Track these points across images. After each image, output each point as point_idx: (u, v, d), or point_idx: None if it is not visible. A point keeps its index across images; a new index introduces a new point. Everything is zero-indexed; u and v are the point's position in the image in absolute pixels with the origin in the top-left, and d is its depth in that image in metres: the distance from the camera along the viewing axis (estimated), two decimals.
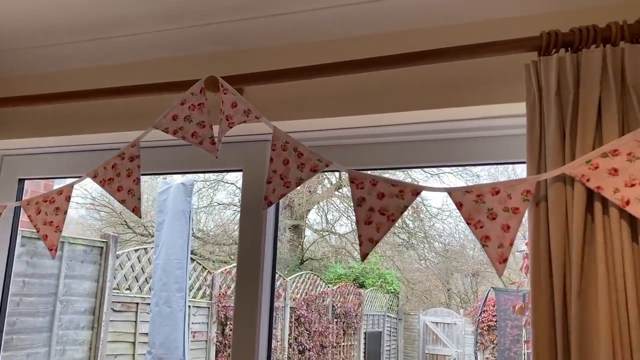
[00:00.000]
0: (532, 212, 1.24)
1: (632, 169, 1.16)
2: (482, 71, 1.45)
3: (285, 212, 12.08)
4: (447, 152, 1.57)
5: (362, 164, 1.64)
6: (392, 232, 12.39)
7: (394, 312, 11.38)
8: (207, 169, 1.86)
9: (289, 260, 11.56)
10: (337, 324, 8.64)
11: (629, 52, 1.21)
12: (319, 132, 1.66)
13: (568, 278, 1.18)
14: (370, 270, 11.36)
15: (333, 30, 1.59)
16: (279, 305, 7.36)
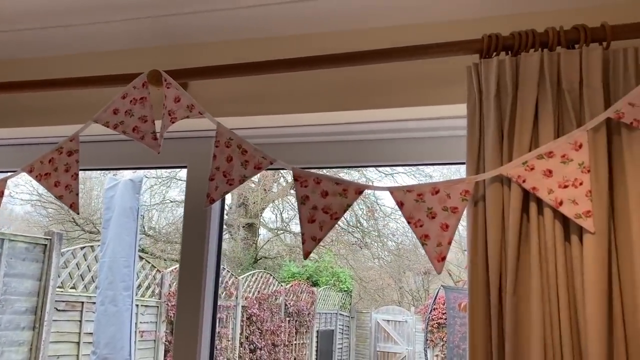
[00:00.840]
0: (470, 212, 1.27)
1: (565, 170, 1.19)
2: (428, 72, 1.47)
3: (240, 211, 11.98)
4: (392, 152, 1.58)
5: (309, 163, 1.63)
6: (346, 231, 12.47)
7: (347, 311, 11.45)
8: (151, 165, 1.82)
9: (243, 259, 11.47)
10: (289, 323, 8.64)
11: (565, 57, 1.24)
12: (265, 130, 1.65)
13: (504, 276, 1.21)
14: (324, 269, 11.40)
15: (281, 27, 1.58)
16: (230, 304, 7.30)
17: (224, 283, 7.27)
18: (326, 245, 12.35)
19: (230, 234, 12.13)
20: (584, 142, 1.19)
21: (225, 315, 7.18)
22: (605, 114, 1.19)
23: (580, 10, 1.38)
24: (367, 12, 1.49)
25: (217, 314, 1.75)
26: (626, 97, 1.19)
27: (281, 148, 1.66)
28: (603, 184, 1.17)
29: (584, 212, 1.16)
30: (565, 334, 1.14)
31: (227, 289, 7.27)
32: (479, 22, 1.44)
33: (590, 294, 1.13)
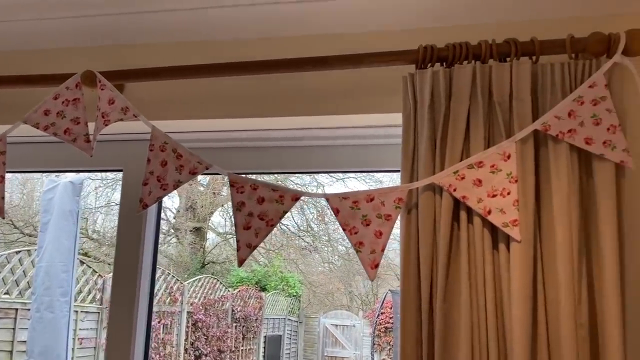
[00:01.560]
0: (404, 219, 1.28)
1: (494, 180, 1.22)
2: (367, 81, 1.48)
3: (188, 214, 11.79)
4: (330, 159, 1.59)
5: (246, 168, 1.62)
6: (297, 235, 12.46)
7: (295, 316, 11.43)
8: (86, 168, 1.77)
9: (190, 264, 11.28)
10: (236, 328, 8.54)
11: (496, 70, 1.28)
12: (203, 134, 1.63)
13: (434, 283, 1.23)
14: (273, 274, 11.35)
15: (219, 31, 1.57)
16: (175, 310, 7.15)
17: (169, 288, 7.12)
18: (276, 250, 12.31)
19: (178, 238, 11.92)
20: (512, 152, 1.22)
21: (170, 321, 7.04)
22: (533, 126, 1.23)
23: (512, 24, 1.43)
24: (307, 19, 1.50)
25: (152, 321, 1.71)
26: (553, 110, 1.23)
27: (219, 153, 1.64)
28: (530, 194, 1.21)
29: (511, 221, 1.19)
30: (492, 339, 1.17)
31: (172, 295, 7.13)
32: (416, 33, 1.46)
33: (516, 300, 1.16)
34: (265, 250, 12.25)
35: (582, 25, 1.34)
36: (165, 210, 11.32)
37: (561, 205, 1.20)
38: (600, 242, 1.19)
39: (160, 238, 10.99)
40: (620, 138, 1.20)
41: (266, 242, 12.17)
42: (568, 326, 1.14)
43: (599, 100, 1.23)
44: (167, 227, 11.62)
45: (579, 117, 1.22)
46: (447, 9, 1.43)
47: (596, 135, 1.21)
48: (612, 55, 1.25)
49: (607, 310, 1.15)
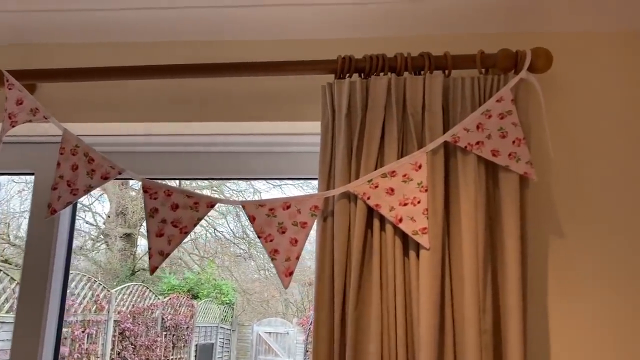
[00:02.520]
0: (319, 227, 1.29)
1: (406, 189, 1.26)
2: (286, 89, 1.49)
3: (118, 220, 11.42)
4: (248, 165, 1.58)
5: (162, 173, 1.59)
6: (231, 242, 12.30)
7: (228, 324, 11.27)
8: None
9: (119, 271, 10.91)
10: (166, 337, 8.32)
11: (410, 82, 1.32)
12: (117, 138, 1.58)
13: (347, 291, 1.24)
14: (205, 281, 11.15)
15: (136, 32, 1.53)
16: (101, 318, 6.90)
17: (94, 296, 6.86)
18: (210, 257, 12.11)
19: (107, 244, 11.53)
20: (423, 163, 1.26)
21: (95, 331, 6.77)
22: (443, 138, 1.27)
23: (427, 38, 1.47)
24: (229, 25, 1.49)
25: (62, 331, 1.64)
26: (462, 122, 1.28)
27: (134, 157, 1.60)
28: (439, 203, 1.25)
29: (420, 229, 1.22)
30: (400, 345, 1.20)
31: (97, 303, 6.87)
32: (336, 43, 1.48)
33: (424, 306, 1.19)
34: (198, 258, 12.04)
35: (493, 41, 1.40)
36: (95, 216, 10.93)
37: (469, 214, 1.24)
38: (504, 251, 1.24)
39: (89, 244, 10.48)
40: (525, 151, 1.26)
41: (200, 249, 11.97)
42: (472, 332, 1.18)
43: (506, 114, 1.28)
44: (97, 233, 11.22)
45: (486, 130, 1.27)
46: (366, 20, 1.46)
47: (502, 148, 1.27)
48: (519, 71, 1.32)
49: (509, 317, 1.20)
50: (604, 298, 1.34)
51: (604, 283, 1.34)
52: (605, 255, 1.35)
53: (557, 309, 1.34)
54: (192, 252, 11.77)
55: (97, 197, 10.48)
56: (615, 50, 1.45)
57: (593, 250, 1.36)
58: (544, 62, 1.32)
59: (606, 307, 1.33)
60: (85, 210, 10.68)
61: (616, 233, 1.36)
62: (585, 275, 1.35)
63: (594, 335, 1.32)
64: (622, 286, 1.34)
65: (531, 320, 1.31)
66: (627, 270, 1.34)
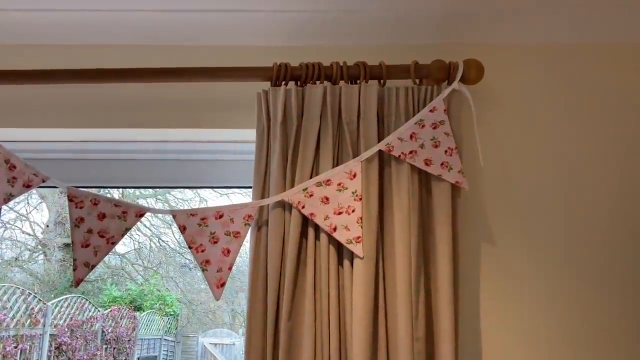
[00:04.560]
0: (253, 236, 1.27)
1: (340, 198, 1.25)
2: (222, 95, 1.46)
3: (57, 229, 11.00)
4: (181, 173, 1.54)
5: (90, 181, 1.53)
6: (176, 252, 12.05)
7: (172, 335, 11.01)
8: None
9: (58, 283, 10.50)
10: (106, 350, 8.04)
11: (346, 91, 1.32)
12: (42, 144, 1.51)
13: (281, 301, 1.22)
14: (149, 292, 10.86)
15: (60, 35, 1.47)
16: (36, 333, 6.59)
17: (29, 310, 6.56)
18: (154, 267, 11.82)
19: (45, 254, 11.08)
20: (358, 172, 1.26)
21: (29, 346, 6.46)
22: (378, 147, 1.28)
23: (363, 48, 1.48)
24: (161, 29, 1.45)
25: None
26: (396, 132, 1.29)
27: (60, 165, 1.53)
28: (373, 212, 1.25)
29: (354, 237, 1.22)
30: (333, 353, 1.19)
31: (32, 317, 6.57)
32: (272, 51, 1.47)
33: (358, 314, 1.19)
34: (142, 268, 11.73)
35: (427, 52, 1.42)
36: (33, 225, 10.49)
37: (402, 223, 1.25)
38: (436, 258, 1.25)
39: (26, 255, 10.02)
40: (457, 160, 1.28)
41: (144, 260, 11.66)
42: (405, 340, 1.19)
43: (439, 124, 1.30)
44: (35, 243, 10.77)
45: (420, 139, 1.29)
46: (303, 29, 1.45)
47: (435, 157, 1.28)
48: (451, 82, 1.34)
49: (441, 324, 1.21)
50: (535, 302, 1.37)
51: (535, 287, 1.38)
52: (534, 260, 1.39)
53: (489, 313, 1.36)
54: (135, 263, 11.45)
55: (35, 206, 10.06)
56: (544, 62, 1.50)
57: (523, 254, 1.39)
58: (475, 74, 1.35)
59: (537, 311, 1.37)
60: (22, 219, 10.23)
61: (544, 238, 1.40)
62: (516, 280, 1.38)
63: (526, 339, 1.35)
64: (552, 290, 1.38)
65: (463, 325, 1.33)
66: (555, 273, 1.38)
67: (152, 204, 7.96)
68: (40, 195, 9.74)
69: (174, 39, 1.48)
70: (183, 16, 1.41)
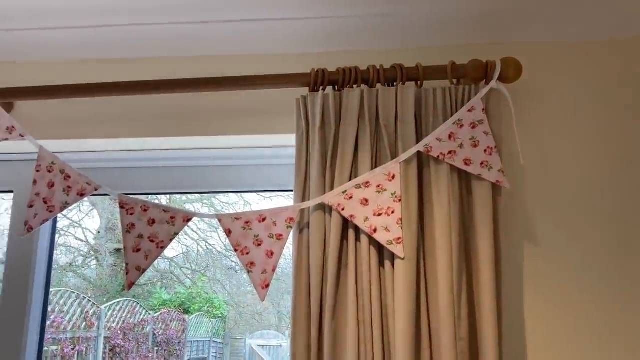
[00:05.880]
0: (296, 239, 1.30)
1: (380, 199, 1.27)
2: (261, 103, 1.50)
3: (108, 235, 11.35)
4: (225, 178, 1.59)
5: (139, 189, 1.59)
6: (222, 255, 12.25)
7: (221, 337, 11.19)
8: None
9: (110, 287, 10.83)
10: (158, 353, 8.26)
11: (383, 94, 1.33)
12: (94, 154, 1.59)
13: (324, 301, 1.25)
14: (197, 295, 11.07)
15: (113, 49, 1.54)
16: (91, 335, 6.84)
17: (84, 313, 6.81)
18: (201, 271, 12.04)
19: (98, 260, 11.44)
20: (396, 173, 1.27)
21: (85, 348, 6.72)
22: (416, 148, 1.29)
23: (399, 51, 1.50)
24: (203, 41, 1.50)
25: (43, 347, 1.64)
26: (434, 132, 1.30)
27: (111, 173, 1.61)
28: (413, 213, 1.26)
29: (395, 238, 1.23)
30: (377, 353, 1.20)
31: (87, 320, 6.82)
32: (309, 57, 1.50)
33: (400, 316, 1.20)
34: (190, 271, 11.97)
35: (464, 52, 1.42)
36: (85, 232, 10.86)
37: (443, 223, 1.25)
38: (478, 258, 1.25)
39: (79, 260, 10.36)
40: (497, 159, 1.28)
41: (192, 263, 11.90)
42: (448, 340, 1.19)
43: (477, 124, 1.30)
44: (87, 249, 11.15)
45: (458, 140, 1.29)
46: (339, 34, 1.48)
47: (474, 157, 1.28)
48: (489, 81, 1.34)
49: (484, 323, 1.21)
50: (579, 302, 1.35)
51: (579, 287, 1.36)
52: (577, 257, 1.37)
53: (533, 314, 1.35)
54: (184, 266, 11.71)
55: (87, 213, 10.42)
56: (583, 59, 1.48)
57: (566, 252, 1.38)
58: (513, 72, 1.34)
59: (581, 311, 1.35)
60: (75, 226, 10.61)
61: (587, 235, 1.38)
62: (560, 279, 1.37)
63: (571, 339, 1.34)
64: (597, 290, 1.36)
65: (507, 325, 1.32)
66: (600, 273, 1.36)
67: (199, 209, 8.12)
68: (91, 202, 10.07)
69: (215, 50, 1.53)
70: (222, 27, 1.46)
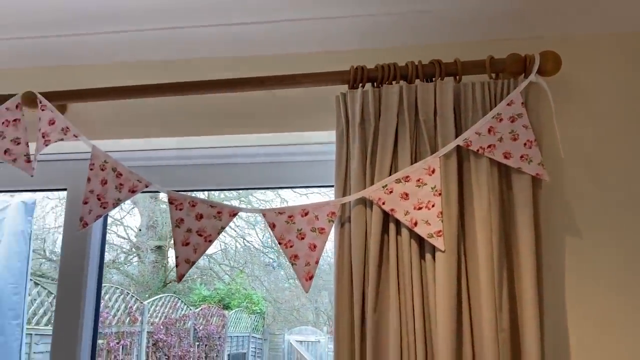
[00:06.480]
0: (337, 232, 1.34)
1: (420, 193, 1.29)
2: (302, 100, 1.54)
3: (149, 233, 11.62)
4: (265, 175, 1.64)
5: (185, 185, 1.65)
6: (260, 252, 12.40)
7: (260, 333, 11.34)
8: (29, 187, 1.77)
9: (151, 283, 11.10)
10: (198, 347, 8.43)
11: (421, 89, 1.35)
12: (142, 152, 1.66)
13: (366, 293, 1.28)
14: (236, 291, 11.25)
15: (158, 52, 1.61)
16: (135, 330, 7.04)
17: (128, 308, 7.01)
18: (239, 267, 12.22)
19: (139, 257, 11.72)
20: (436, 167, 1.29)
21: (129, 342, 6.91)
22: (455, 142, 1.31)
23: (437, 46, 1.51)
24: (244, 41, 1.55)
25: (97, 341, 1.71)
26: (473, 127, 1.31)
27: (159, 171, 1.67)
28: (453, 206, 1.28)
29: (435, 231, 1.26)
30: (419, 343, 1.23)
31: (131, 315, 7.02)
32: (347, 54, 1.53)
33: (441, 307, 1.22)
34: (229, 268, 12.16)
35: (502, 47, 1.43)
36: (127, 229, 11.15)
37: (483, 216, 1.27)
38: (519, 251, 1.26)
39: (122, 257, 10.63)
40: (536, 152, 1.29)
41: (230, 260, 12.08)
42: (489, 331, 1.21)
43: (516, 117, 1.31)
44: (129, 246, 11.44)
45: (498, 133, 1.30)
46: (377, 31, 1.50)
47: (514, 150, 1.29)
48: (528, 75, 1.34)
49: (525, 315, 1.23)
50: (621, 294, 1.35)
51: (620, 279, 1.35)
52: (620, 250, 1.37)
53: (574, 305, 1.35)
54: (222, 263, 11.90)
55: (128, 211, 10.69)
56: (623, 50, 1.46)
57: (607, 245, 1.37)
58: (552, 65, 1.34)
59: (624, 303, 1.34)
60: (117, 224, 10.90)
61: (629, 228, 1.37)
62: (601, 270, 1.36)
63: (613, 332, 1.34)
64: (638, 283, 1.35)
65: (548, 317, 1.33)
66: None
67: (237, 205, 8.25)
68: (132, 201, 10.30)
69: (257, 50, 1.57)
70: (262, 28, 1.50)
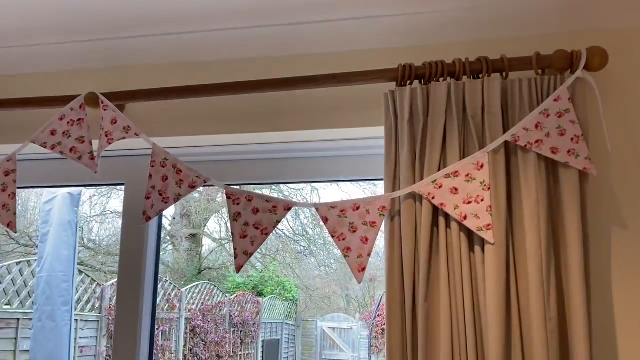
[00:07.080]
0: (387, 226, 1.39)
1: (469, 188, 1.33)
2: (350, 97, 1.58)
3: (183, 221, 11.83)
4: (317, 169, 1.70)
5: (240, 180, 1.73)
6: (292, 240, 12.53)
7: (293, 320, 11.50)
8: (88, 182, 1.86)
9: (186, 271, 11.33)
10: (234, 334, 8.62)
11: (469, 86, 1.39)
12: (198, 149, 1.73)
13: (417, 285, 1.33)
14: (269, 279, 11.41)
15: (212, 52, 1.67)
16: (173, 316, 7.23)
17: (166, 295, 7.21)
18: (272, 255, 12.37)
19: (174, 245, 11.96)
20: (485, 162, 1.33)
21: (169, 328, 7.12)
22: (504, 138, 1.34)
23: (484, 43, 1.54)
24: (295, 41, 1.60)
25: (155, 327, 1.81)
26: (521, 122, 1.35)
27: (214, 166, 1.75)
28: (502, 200, 1.32)
29: (485, 225, 1.30)
30: (469, 333, 1.28)
31: (169, 302, 7.21)
32: (395, 52, 1.57)
33: (491, 297, 1.27)
34: (261, 256, 12.31)
35: (548, 43, 1.45)
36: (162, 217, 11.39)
37: (531, 210, 1.31)
38: (566, 243, 1.30)
39: None
40: (583, 147, 1.32)
41: (262, 248, 12.23)
42: (538, 320, 1.25)
43: (564, 113, 1.34)
44: (164, 235, 11.68)
45: (545, 129, 1.33)
46: (424, 29, 1.54)
47: (561, 145, 1.32)
48: (574, 70, 1.37)
49: (573, 305, 1.26)
50: None
51: None
52: None
53: (622, 298, 1.38)
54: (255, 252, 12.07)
55: None
56: None
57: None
58: (599, 61, 1.36)
59: None
60: None
61: None
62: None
63: None
64: None
65: (596, 309, 1.36)
66: None
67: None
68: None
69: (307, 49, 1.63)
70: (313, 28, 1.55)
